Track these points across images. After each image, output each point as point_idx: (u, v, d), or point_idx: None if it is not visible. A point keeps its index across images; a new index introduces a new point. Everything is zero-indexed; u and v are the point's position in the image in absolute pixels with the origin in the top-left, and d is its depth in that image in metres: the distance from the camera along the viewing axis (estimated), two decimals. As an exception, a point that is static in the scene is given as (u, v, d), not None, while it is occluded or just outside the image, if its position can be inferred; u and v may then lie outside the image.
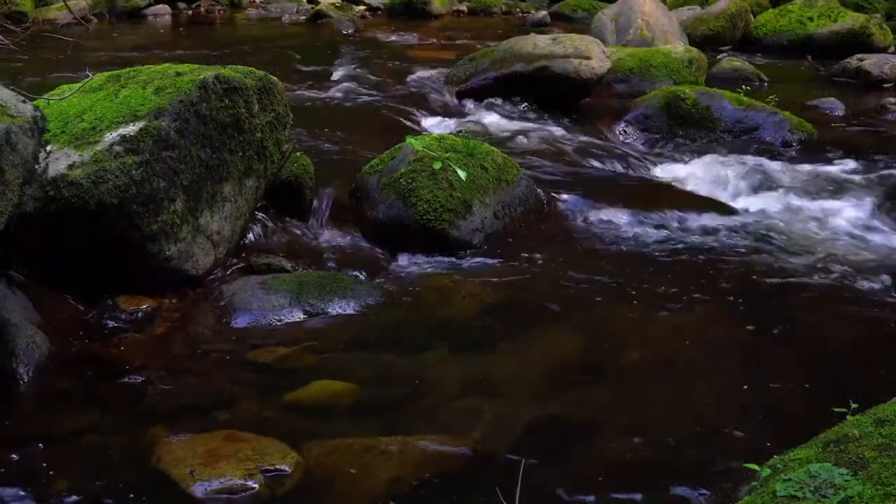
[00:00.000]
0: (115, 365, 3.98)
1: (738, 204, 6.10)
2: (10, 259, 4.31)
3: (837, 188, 6.36)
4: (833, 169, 6.79)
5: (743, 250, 5.35)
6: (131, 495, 3.09)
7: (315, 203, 5.54)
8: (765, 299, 4.78)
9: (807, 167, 6.80)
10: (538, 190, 5.85)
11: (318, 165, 5.63)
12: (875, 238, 5.59)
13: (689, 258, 5.26)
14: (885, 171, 6.70)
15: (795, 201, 6.11)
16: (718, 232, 5.60)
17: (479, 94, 8.18)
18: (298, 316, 4.40)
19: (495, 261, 5.14)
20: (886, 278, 4.97)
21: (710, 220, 5.77)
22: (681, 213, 5.80)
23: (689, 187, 6.45)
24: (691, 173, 6.70)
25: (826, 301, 4.76)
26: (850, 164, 6.92)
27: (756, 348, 4.28)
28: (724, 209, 5.97)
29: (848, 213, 5.89)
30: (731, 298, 4.78)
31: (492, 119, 7.79)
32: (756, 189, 6.37)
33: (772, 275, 5.02)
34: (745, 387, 3.90)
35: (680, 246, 5.42)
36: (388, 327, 4.42)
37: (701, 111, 7.53)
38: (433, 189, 5.26)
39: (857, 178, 6.59)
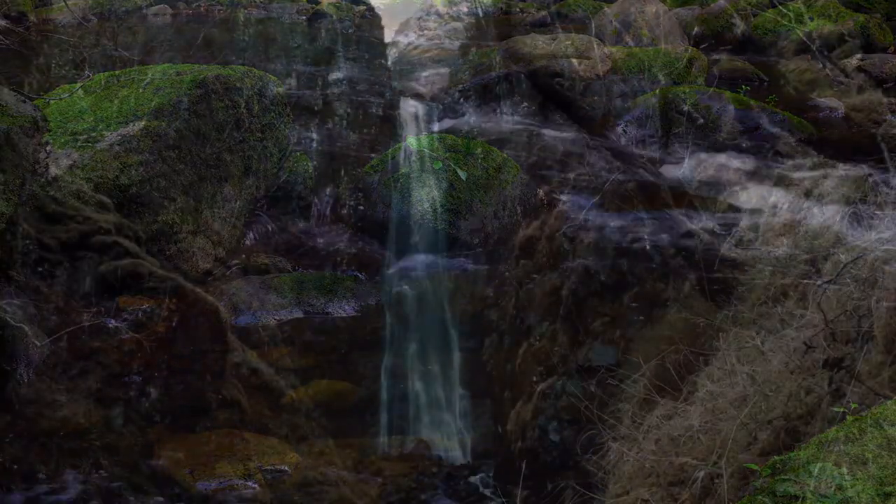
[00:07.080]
0: (115, 365, 3.98)
1: (738, 203, 6.10)
2: (11, 259, 4.30)
3: (837, 188, 6.35)
4: (833, 169, 6.78)
5: (742, 250, 5.34)
6: (131, 495, 3.09)
7: (315, 203, 5.53)
8: (764, 299, 4.78)
9: (806, 167, 6.80)
10: (538, 190, 5.85)
11: (318, 165, 5.63)
12: (875, 237, 5.58)
13: (687, 257, 5.26)
14: (885, 171, 6.70)
15: (795, 201, 6.11)
16: (718, 231, 5.60)
17: (479, 94, 8.17)
18: (298, 316, 4.40)
19: (495, 260, 5.13)
20: (885, 278, 4.96)
21: (709, 219, 5.77)
22: (680, 213, 5.80)
23: (688, 187, 6.45)
24: (690, 173, 6.70)
25: (825, 300, 4.75)
26: (850, 163, 6.92)
27: (755, 347, 4.28)
28: (724, 209, 5.96)
29: (848, 213, 5.89)
30: (730, 298, 4.78)
31: (492, 119, 7.78)
32: (755, 189, 6.37)
33: (770, 274, 5.02)
34: (745, 386, 3.89)
35: (679, 245, 5.42)
36: (388, 327, 4.42)
37: (701, 111, 7.52)
38: (433, 189, 5.26)
39: (856, 177, 6.59)
